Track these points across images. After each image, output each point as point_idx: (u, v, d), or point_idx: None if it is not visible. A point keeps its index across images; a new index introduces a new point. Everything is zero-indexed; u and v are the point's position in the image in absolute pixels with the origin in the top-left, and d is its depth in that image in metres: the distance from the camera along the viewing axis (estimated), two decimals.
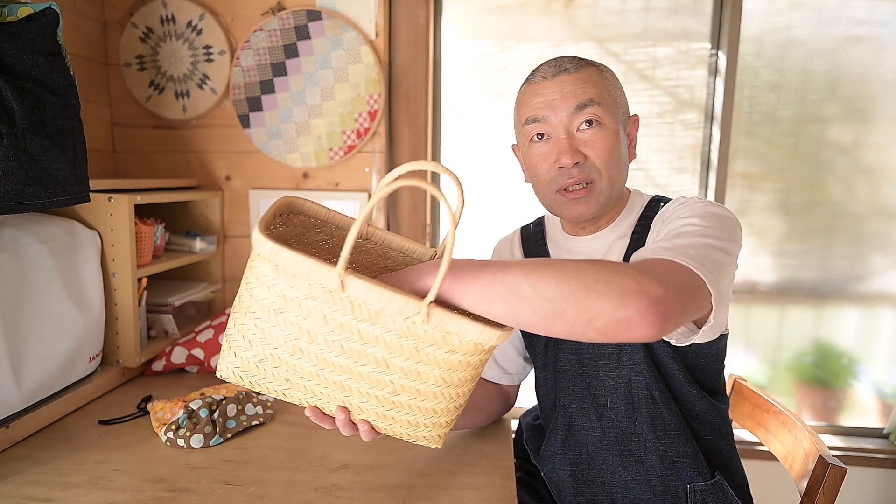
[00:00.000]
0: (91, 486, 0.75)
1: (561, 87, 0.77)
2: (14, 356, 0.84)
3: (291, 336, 0.57)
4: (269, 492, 0.74)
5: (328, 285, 0.54)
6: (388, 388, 0.59)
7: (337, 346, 0.57)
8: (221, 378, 0.61)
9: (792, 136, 1.51)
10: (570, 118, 0.77)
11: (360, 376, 0.59)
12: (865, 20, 1.45)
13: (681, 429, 0.78)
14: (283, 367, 0.59)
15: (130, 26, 1.38)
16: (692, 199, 0.76)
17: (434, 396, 0.60)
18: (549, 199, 0.82)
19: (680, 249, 0.62)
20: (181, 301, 1.27)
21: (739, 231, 0.72)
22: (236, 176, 1.44)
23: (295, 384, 0.61)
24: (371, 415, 0.62)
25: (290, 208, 0.69)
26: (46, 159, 0.84)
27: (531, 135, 0.80)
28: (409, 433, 0.64)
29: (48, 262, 0.91)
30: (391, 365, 0.58)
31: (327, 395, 0.61)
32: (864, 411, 1.62)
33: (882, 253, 1.54)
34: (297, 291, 0.55)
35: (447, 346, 0.57)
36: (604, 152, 0.77)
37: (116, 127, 1.45)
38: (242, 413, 0.93)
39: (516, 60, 1.52)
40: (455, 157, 1.57)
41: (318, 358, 0.58)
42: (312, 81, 1.37)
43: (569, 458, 0.84)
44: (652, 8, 1.47)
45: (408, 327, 0.56)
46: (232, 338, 0.60)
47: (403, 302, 0.54)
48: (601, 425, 0.81)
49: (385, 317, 0.55)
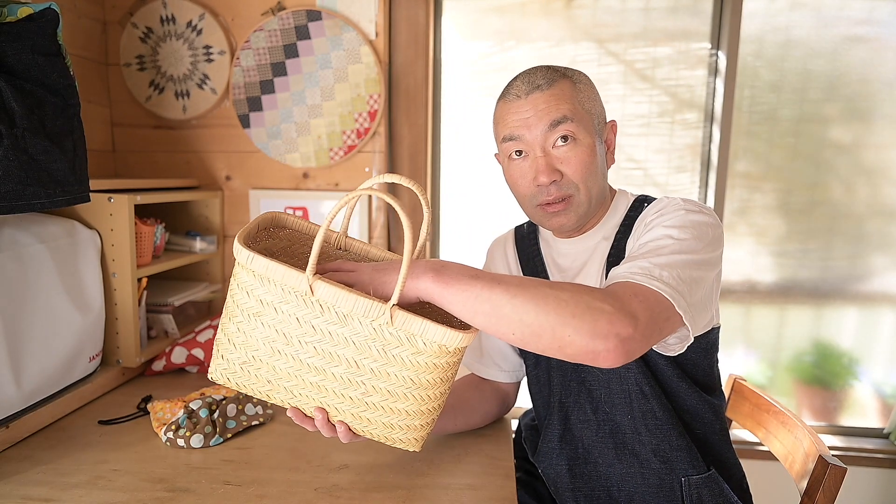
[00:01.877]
0: (91, 486, 0.75)
1: (534, 105, 0.78)
2: (14, 356, 0.84)
3: (269, 339, 0.62)
4: (269, 492, 0.74)
5: (299, 289, 0.59)
6: (361, 389, 0.63)
7: (311, 348, 0.61)
8: (211, 380, 0.66)
9: (792, 135, 1.51)
10: (544, 136, 0.78)
11: (334, 377, 0.62)
12: (865, 20, 1.45)
13: (672, 423, 0.79)
14: (263, 368, 0.64)
15: (130, 26, 1.38)
16: (673, 204, 0.77)
17: (405, 398, 0.63)
18: (531, 212, 0.85)
19: (654, 272, 0.65)
20: (181, 301, 1.27)
21: (720, 234, 0.75)
22: (236, 176, 1.44)
23: (276, 385, 0.65)
24: (347, 416, 0.65)
25: (274, 222, 0.73)
26: (46, 159, 0.84)
27: (509, 152, 0.82)
28: (386, 435, 0.67)
29: (48, 262, 0.91)
30: (361, 366, 0.61)
31: (305, 396, 0.65)
32: (864, 411, 1.62)
33: (882, 253, 1.54)
34: (272, 296, 0.60)
35: (413, 348, 0.60)
36: (580, 168, 0.78)
37: (116, 127, 1.45)
38: (242, 413, 0.93)
39: (516, 60, 1.52)
40: (455, 158, 1.57)
41: (294, 359, 0.62)
42: (312, 81, 1.37)
43: (566, 453, 0.85)
44: (652, 8, 1.47)
45: (374, 329, 0.59)
46: (220, 341, 0.65)
47: (368, 305, 0.58)
48: (596, 419, 0.82)
49: (353, 319, 0.59)
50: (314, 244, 0.57)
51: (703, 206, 0.77)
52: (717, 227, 0.75)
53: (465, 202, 1.59)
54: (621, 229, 0.84)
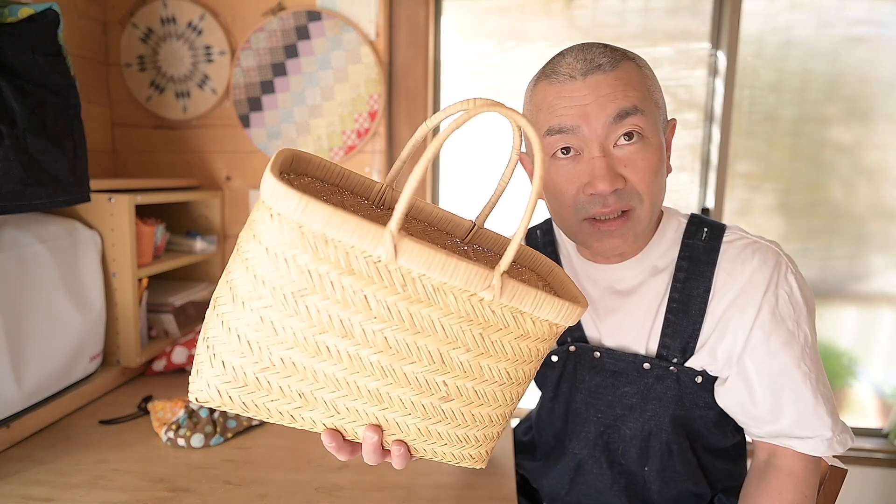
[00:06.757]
0: (91, 486, 0.75)
1: (595, 89, 0.61)
2: (14, 356, 0.84)
3: (316, 330, 0.43)
4: (270, 492, 0.74)
5: (375, 253, 0.41)
6: (439, 394, 0.48)
7: (379, 339, 0.44)
8: (197, 402, 0.46)
9: (792, 135, 1.51)
10: (606, 130, 0.61)
11: (405, 380, 0.46)
12: (865, 20, 1.45)
13: (690, 474, 0.75)
14: (296, 376, 0.45)
15: (131, 26, 1.38)
16: (795, 316, 0.67)
17: (494, 399, 0.50)
18: (573, 228, 0.67)
19: (835, 440, 0.66)
20: (181, 301, 1.27)
21: None
22: (236, 176, 1.44)
23: (311, 400, 0.46)
24: (412, 432, 0.49)
25: (294, 164, 0.52)
26: (47, 159, 0.84)
27: (554, 148, 0.64)
28: (454, 452, 0.52)
29: (48, 262, 0.91)
30: (447, 361, 0.46)
31: (356, 410, 0.47)
32: (864, 411, 1.62)
33: (882, 253, 1.54)
34: (329, 264, 0.41)
35: (518, 330, 0.48)
36: (648, 174, 0.62)
37: (116, 127, 1.45)
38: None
39: (516, 60, 1.52)
40: (455, 158, 1.57)
41: (352, 359, 0.44)
42: (312, 81, 1.37)
43: (575, 495, 0.80)
44: (652, 8, 1.47)
45: (473, 306, 0.45)
46: (217, 342, 0.44)
47: (472, 273, 0.43)
48: (612, 472, 0.76)
49: (446, 294, 0.44)
50: (405, 190, 0.40)
51: (807, 288, 0.68)
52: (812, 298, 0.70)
53: (465, 202, 1.59)
54: (682, 265, 0.70)
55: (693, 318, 0.69)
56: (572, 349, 0.76)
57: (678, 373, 0.70)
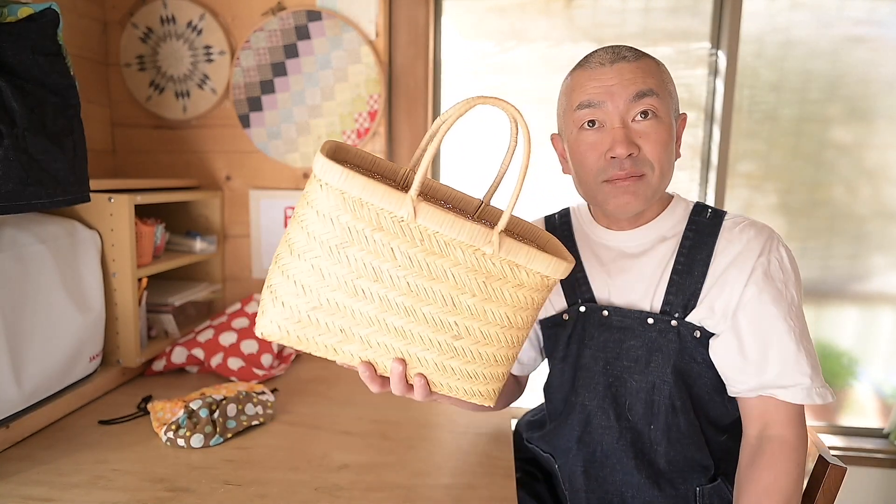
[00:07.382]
0: (91, 486, 0.75)
1: (620, 73, 0.74)
2: (14, 356, 0.84)
3: (354, 275, 0.55)
4: (269, 492, 0.74)
5: (399, 213, 0.53)
6: (452, 332, 0.58)
7: (403, 284, 0.55)
8: (262, 336, 0.57)
9: (792, 135, 1.51)
10: (626, 107, 0.74)
11: (424, 319, 0.57)
12: (865, 20, 1.45)
13: (693, 437, 0.78)
14: (339, 314, 0.56)
15: (130, 26, 1.38)
16: (784, 279, 0.76)
17: (497, 340, 0.60)
18: (594, 190, 0.78)
19: (815, 391, 0.72)
20: (181, 301, 1.27)
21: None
22: (236, 176, 1.44)
23: (350, 335, 0.57)
24: (430, 366, 0.60)
25: (335, 152, 0.66)
26: (46, 159, 0.84)
27: (582, 121, 0.76)
28: (466, 388, 0.63)
29: (48, 262, 0.91)
30: (457, 304, 0.57)
31: (385, 344, 0.58)
32: (864, 411, 1.62)
33: (882, 253, 1.54)
34: (364, 222, 0.53)
35: (515, 280, 0.58)
36: (658, 146, 0.74)
37: (116, 127, 1.45)
38: (242, 413, 0.93)
39: (516, 60, 1.52)
40: (455, 158, 1.57)
41: (382, 300, 0.56)
42: (312, 81, 1.37)
43: (583, 455, 0.83)
44: (652, 8, 1.47)
45: (477, 259, 0.56)
46: (279, 287, 0.56)
47: (475, 231, 0.54)
48: (619, 426, 0.81)
49: (455, 248, 0.55)
50: (422, 162, 0.53)
51: (793, 260, 0.77)
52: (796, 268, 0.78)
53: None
54: (689, 235, 0.79)
55: (695, 279, 0.77)
56: (582, 309, 0.84)
57: (679, 326, 0.78)
